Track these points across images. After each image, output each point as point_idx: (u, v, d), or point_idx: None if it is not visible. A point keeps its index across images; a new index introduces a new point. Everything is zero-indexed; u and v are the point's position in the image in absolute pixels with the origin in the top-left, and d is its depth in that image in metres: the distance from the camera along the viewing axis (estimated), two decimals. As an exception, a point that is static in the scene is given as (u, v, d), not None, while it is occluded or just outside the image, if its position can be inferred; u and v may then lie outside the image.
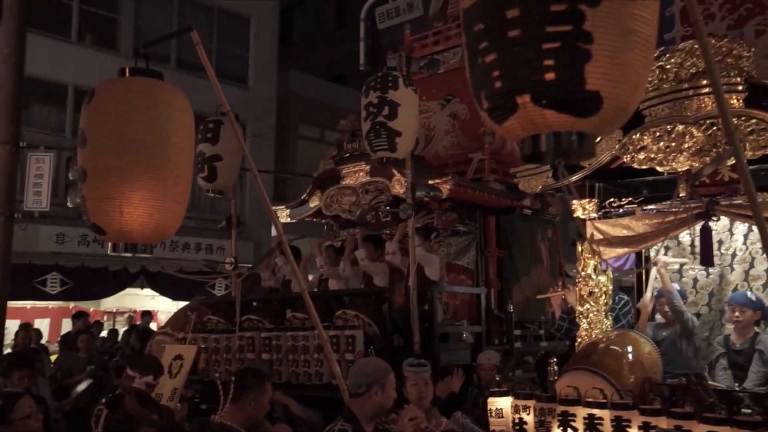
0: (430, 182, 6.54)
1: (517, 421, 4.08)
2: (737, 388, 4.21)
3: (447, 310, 6.60)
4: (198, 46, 3.45)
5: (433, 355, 5.86)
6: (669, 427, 3.51)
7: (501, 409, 4.14)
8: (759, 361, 4.36)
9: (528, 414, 4.05)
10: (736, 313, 4.56)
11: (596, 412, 3.75)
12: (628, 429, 3.63)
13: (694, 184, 4.59)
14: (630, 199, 5.01)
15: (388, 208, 6.97)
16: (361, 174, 7.11)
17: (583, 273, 5.07)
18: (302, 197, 7.65)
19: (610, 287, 5.08)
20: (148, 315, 12.57)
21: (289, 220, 7.78)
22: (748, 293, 4.67)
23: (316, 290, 6.90)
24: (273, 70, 16.29)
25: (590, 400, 3.81)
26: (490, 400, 4.19)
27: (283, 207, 7.89)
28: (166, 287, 12.60)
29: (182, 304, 8.85)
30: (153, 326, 11.55)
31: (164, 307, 13.74)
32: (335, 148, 7.40)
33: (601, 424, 3.73)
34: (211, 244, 13.80)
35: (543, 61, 1.78)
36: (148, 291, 13.25)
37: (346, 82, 17.26)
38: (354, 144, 7.04)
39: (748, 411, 3.59)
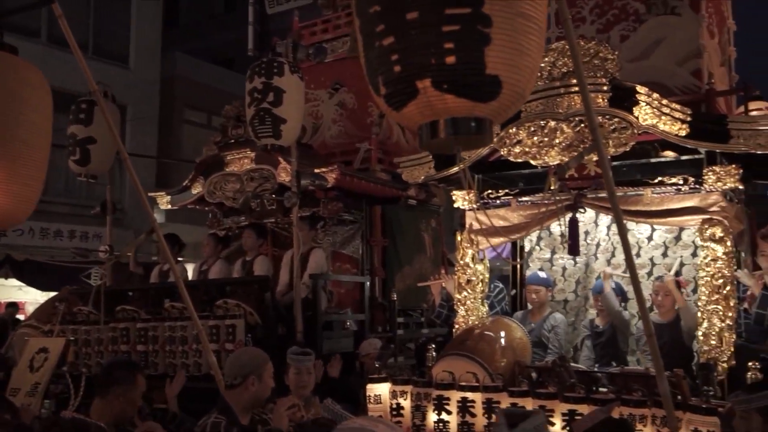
0: (316, 171, 6.51)
1: (394, 406, 4.16)
2: (596, 368, 4.51)
3: (332, 298, 6.61)
4: (61, 20, 3.21)
5: (316, 344, 5.86)
6: (534, 406, 3.72)
7: (379, 395, 4.20)
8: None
9: (405, 399, 4.14)
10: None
11: (469, 395, 3.90)
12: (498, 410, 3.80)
13: (563, 177, 4.86)
14: (507, 190, 5.22)
15: (273, 196, 6.88)
16: (246, 161, 6.97)
17: (461, 262, 5.23)
18: (184, 183, 7.39)
19: (487, 275, 5.28)
20: (13, 307, 11.71)
21: (169, 206, 7.50)
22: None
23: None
24: (157, 51, 15.57)
25: (464, 383, 3.96)
26: (369, 386, 4.24)
27: (163, 193, 7.59)
28: (34, 277, 11.75)
29: (53, 295, 8.32)
30: (21, 318, 10.77)
31: (33, 298, 12.83)
32: (219, 134, 7.21)
33: (473, 407, 3.88)
34: (87, 232, 13.05)
35: (443, 44, 1.75)
36: (14, 281, 12.33)
37: (234, 67, 16.80)
38: (239, 130, 6.88)
39: (605, 389, 3.86)
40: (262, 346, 4.67)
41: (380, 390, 4.22)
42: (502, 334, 4.64)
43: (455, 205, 5.41)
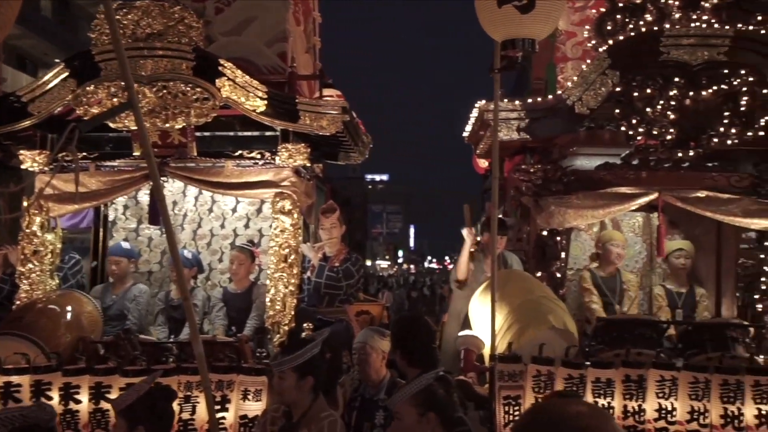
0: None
1: None
2: (171, 340, 4.47)
3: None
4: None
5: None
6: (92, 383, 3.50)
7: None
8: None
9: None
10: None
11: (15, 378, 3.47)
12: (49, 392, 3.47)
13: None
14: (84, 154, 4.80)
15: None
16: None
17: (27, 230, 4.67)
18: None
19: (59, 245, 4.81)
20: None
21: None
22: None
23: None
24: None
25: (10, 366, 3.51)
26: None
27: None
28: None
29: None
30: None
31: None
32: None
33: (19, 391, 3.46)
34: None
35: None
36: None
37: None
38: None
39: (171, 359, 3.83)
40: None
41: None
42: (69, 308, 4.27)
43: (23, 167, 4.79)
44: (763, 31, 3.91)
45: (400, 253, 65.62)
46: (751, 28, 3.92)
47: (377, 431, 3.55)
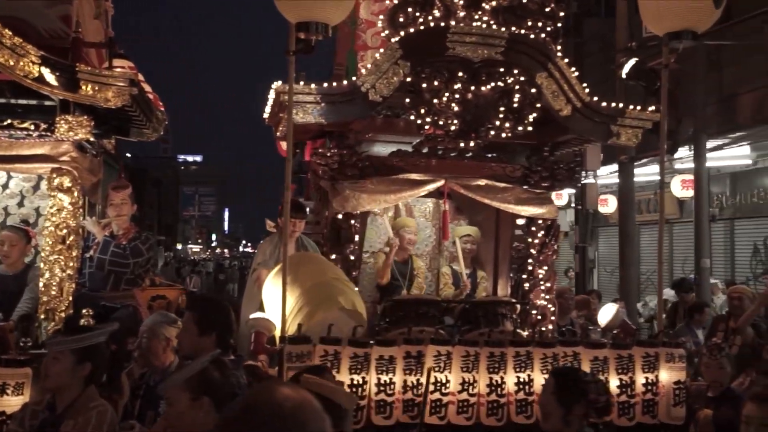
0: None
1: None
2: None
3: None
4: None
5: None
6: None
7: None
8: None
9: None
10: None
11: None
12: None
13: None
14: None
15: None
16: None
17: None
18: None
19: None
20: None
21: None
22: None
23: None
24: None
25: None
26: None
27: None
28: None
29: None
30: None
31: None
32: None
33: None
34: None
35: None
36: None
37: None
38: None
39: None
40: None
41: None
42: None
43: None
44: (532, 36, 4.32)
45: (214, 236, 63.76)
46: (523, 32, 4.32)
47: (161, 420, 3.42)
